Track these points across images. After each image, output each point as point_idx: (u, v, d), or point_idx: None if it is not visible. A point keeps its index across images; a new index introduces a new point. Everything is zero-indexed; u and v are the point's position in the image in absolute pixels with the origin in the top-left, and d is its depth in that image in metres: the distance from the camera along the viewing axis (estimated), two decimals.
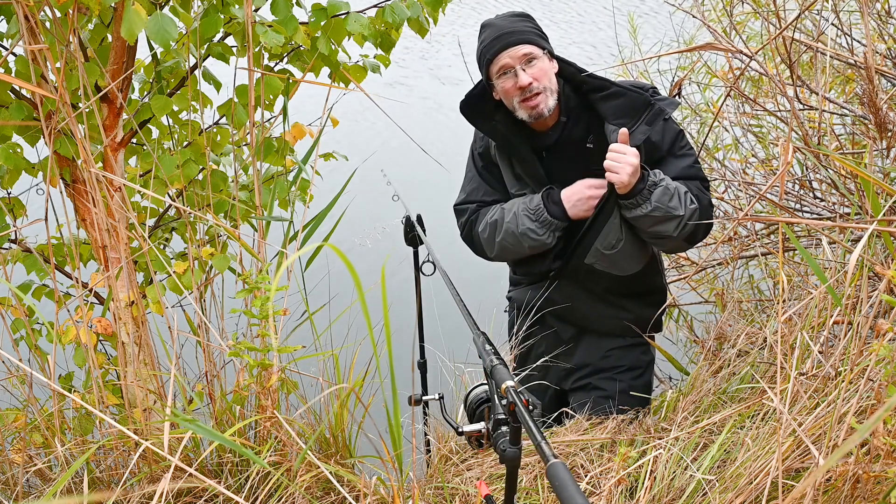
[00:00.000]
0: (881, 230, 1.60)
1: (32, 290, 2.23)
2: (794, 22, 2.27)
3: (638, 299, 2.22)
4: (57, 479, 1.82)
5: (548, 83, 1.97)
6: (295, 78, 2.14)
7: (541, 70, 1.96)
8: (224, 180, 2.27)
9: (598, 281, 2.15)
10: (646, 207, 1.95)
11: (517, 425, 1.01)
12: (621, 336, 2.23)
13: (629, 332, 2.22)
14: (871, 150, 2.46)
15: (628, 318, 2.21)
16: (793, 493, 1.11)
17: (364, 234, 2.32)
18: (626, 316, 2.21)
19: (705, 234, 2.08)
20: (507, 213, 2.14)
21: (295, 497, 1.66)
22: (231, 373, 1.92)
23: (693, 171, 2.06)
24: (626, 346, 2.24)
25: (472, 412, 1.27)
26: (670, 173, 2.01)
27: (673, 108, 2.03)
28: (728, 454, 1.74)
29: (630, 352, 2.25)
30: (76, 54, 1.72)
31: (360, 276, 0.99)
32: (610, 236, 2.07)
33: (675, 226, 1.97)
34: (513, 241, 2.12)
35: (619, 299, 2.20)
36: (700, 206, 2.01)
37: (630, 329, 2.21)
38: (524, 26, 1.98)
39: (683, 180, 2.03)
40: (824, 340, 1.85)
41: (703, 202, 2.03)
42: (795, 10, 2.89)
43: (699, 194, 2.03)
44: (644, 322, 2.22)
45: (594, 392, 2.23)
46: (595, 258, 2.11)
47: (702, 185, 2.07)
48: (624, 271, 2.13)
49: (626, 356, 2.24)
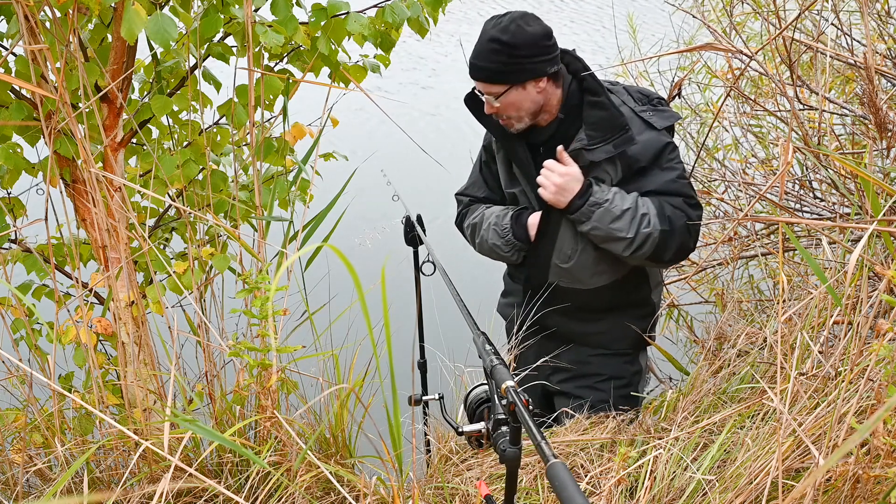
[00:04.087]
0: (881, 230, 1.60)
1: (32, 290, 2.23)
2: (794, 22, 2.27)
3: (618, 313, 2.18)
4: (57, 479, 1.82)
5: (515, 112, 1.97)
6: (295, 78, 2.13)
7: (508, 103, 1.95)
8: (224, 180, 2.27)
9: (563, 297, 2.12)
10: (586, 226, 1.97)
11: (517, 425, 1.01)
12: (602, 346, 2.21)
13: (612, 344, 2.21)
14: (871, 150, 2.47)
15: (607, 333, 2.19)
16: (793, 493, 1.11)
17: (364, 234, 2.32)
18: (602, 329, 2.18)
19: (680, 254, 2.02)
20: (485, 221, 2.18)
21: (295, 497, 1.66)
22: (231, 373, 1.92)
23: (675, 187, 1.99)
24: (608, 355, 2.21)
25: (472, 412, 1.27)
26: (650, 186, 1.98)
27: (666, 123, 1.99)
28: (728, 454, 1.74)
29: (611, 360, 2.21)
30: (76, 54, 1.72)
31: (360, 276, 0.99)
32: (565, 247, 2.07)
33: (624, 247, 1.97)
34: (486, 249, 2.22)
35: (594, 314, 2.16)
36: (671, 228, 1.96)
37: (613, 341, 2.20)
38: (496, 62, 1.91)
39: (661, 195, 1.98)
40: (824, 340, 1.85)
41: (676, 223, 1.96)
42: (795, 10, 2.89)
43: (673, 214, 1.96)
44: (626, 336, 2.20)
45: (574, 401, 2.22)
46: (556, 275, 2.11)
47: (686, 202, 1.99)
48: (587, 285, 2.10)
49: (606, 365, 2.21)
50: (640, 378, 2.28)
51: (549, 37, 1.95)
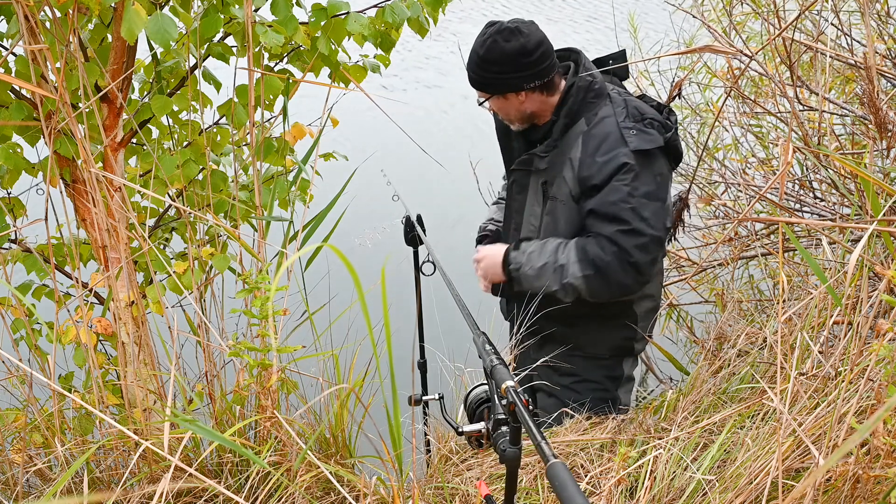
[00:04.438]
0: (881, 230, 1.60)
1: (32, 290, 2.23)
2: (794, 22, 2.27)
3: (597, 320, 2.17)
4: (57, 479, 1.82)
5: (503, 115, 2.12)
6: (295, 78, 2.13)
7: (499, 108, 2.09)
8: (224, 180, 2.27)
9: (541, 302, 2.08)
10: (521, 287, 2.10)
11: (517, 425, 1.01)
12: (580, 348, 2.21)
13: (589, 348, 2.21)
14: (871, 150, 2.47)
15: (583, 337, 2.19)
16: (793, 493, 1.11)
17: (364, 234, 2.33)
18: (578, 334, 2.19)
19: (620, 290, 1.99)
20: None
21: (295, 497, 1.66)
22: (231, 373, 1.92)
23: (612, 210, 1.93)
24: (586, 358, 2.21)
25: (472, 412, 1.27)
26: (591, 205, 1.98)
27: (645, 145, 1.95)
28: (728, 454, 1.74)
29: (588, 363, 2.21)
30: (76, 54, 1.72)
31: (360, 276, 0.99)
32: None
33: (562, 296, 2.04)
34: None
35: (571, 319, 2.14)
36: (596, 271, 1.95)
37: (589, 345, 2.20)
38: (477, 73, 2.02)
39: (597, 217, 1.97)
40: (824, 340, 1.85)
41: (601, 262, 1.94)
42: (795, 10, 2.89)
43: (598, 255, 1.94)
44: (604, 341, 2.20)
45: (550, 399, 2.23)
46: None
47: (620, 230, 1.93)
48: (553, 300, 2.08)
49: (583, 367, 2.21)
50: (619, 384, 2.27)
51: (529, 53, 1.95)
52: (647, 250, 1.95)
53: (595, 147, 1.98)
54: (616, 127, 1.98)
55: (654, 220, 1.95)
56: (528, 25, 1.99)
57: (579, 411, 2.11)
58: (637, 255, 1.94)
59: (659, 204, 1.97)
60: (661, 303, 2.32)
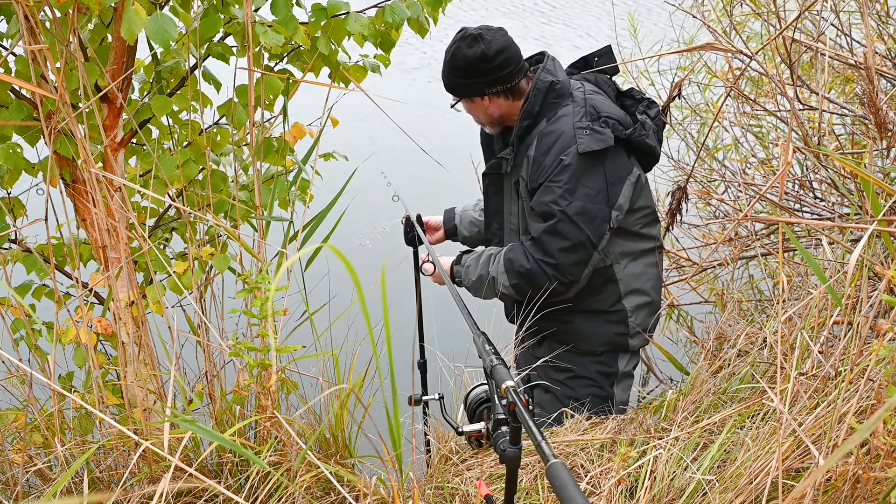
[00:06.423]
0: (881, 230, 1.60)
1: (32, 290, 2.23)
2: (794, 22, 2.27)
3: (587, 315, 2.19)
4: (57, 479, 1.82)
5: (474, 117, 2.22)
6: (295, 78, 2.13)
7: (469, 111, 2.20)
8: (224, 180, 2.27)
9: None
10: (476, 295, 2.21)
11: (517, 425, 1.01)
12: (571, 344, 2.22)
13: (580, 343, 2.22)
14: (871, 150, 2.46)
15: (573, 333, 2.21)
16: (793, 493, 1.11)
17: (364, 235, 2.33)
18: (569, 329, 2.20)
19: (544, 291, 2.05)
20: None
21: (295, 497, 1.66)
22: (231, 373, 1.92)
23: (544, 209, 2.02)
24: (578, 353, 2.23)
25: (472, 412, 1.27)
26: (532, 203, 2.08)
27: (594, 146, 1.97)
28: (728, 454, 1.74)
29: (580, 359, 2.23)
30: (76, 54, 1.72)
31: (360, 276, 0.99)
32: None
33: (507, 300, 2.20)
34: None
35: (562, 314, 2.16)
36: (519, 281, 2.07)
37: (580, 341, 2.21)
38: (445, 76, 2.14)
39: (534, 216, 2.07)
40: (824, 340, 1.85)
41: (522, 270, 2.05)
42: (795, 10, 2.89)
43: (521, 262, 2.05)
44: (594, 337, 2.21)
45: (546, 395, 2.25)
46: None
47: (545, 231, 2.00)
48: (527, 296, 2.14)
49: (575, 363, 2.23)
50: (614, 381, 2.27)
51: (490, 59, 2.03)
52: (571, 252, 2.01)
53: (547, 146, 2.02)
54: (571, 127, 2.01)
55: (586, 224, 1.99)
56: (494, 32, 2.05)
57: (577, 410, 2.11)
58: (560, 257, 2.01)
59: (598, 207, 2.00)
60: (659, 301, 2.32)
